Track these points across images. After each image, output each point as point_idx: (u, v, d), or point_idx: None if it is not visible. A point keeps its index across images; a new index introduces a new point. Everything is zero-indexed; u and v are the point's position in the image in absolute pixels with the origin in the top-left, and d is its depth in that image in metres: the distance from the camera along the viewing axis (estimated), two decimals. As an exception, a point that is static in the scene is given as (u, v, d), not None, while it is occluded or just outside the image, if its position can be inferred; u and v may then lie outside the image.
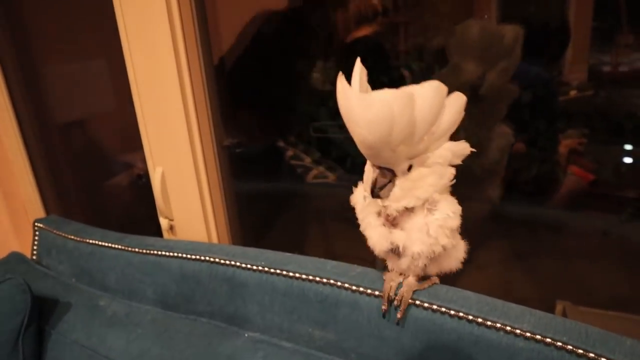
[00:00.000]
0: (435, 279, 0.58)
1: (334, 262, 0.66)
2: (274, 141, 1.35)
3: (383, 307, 0.58)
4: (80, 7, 1.16)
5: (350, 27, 1.49)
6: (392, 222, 0.53)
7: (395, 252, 0.54)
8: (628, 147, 1.20)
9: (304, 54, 1.46)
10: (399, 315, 0.57)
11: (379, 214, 0.54)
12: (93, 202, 1.45)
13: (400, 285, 0.59)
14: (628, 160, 1.22)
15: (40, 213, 1.26)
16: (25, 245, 1.14)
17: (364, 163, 0.52)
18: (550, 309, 1.14)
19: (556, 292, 1.22)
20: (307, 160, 1.32)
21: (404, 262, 0.55)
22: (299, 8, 1.45)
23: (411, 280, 0.57)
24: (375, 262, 0.67)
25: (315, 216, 1.28)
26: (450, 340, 0.54)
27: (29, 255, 1.04)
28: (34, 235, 1.05)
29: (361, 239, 0.57)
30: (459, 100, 0.48)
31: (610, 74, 1.24)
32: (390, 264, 0.58)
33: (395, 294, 0.58)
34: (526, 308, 0.55)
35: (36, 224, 1.05)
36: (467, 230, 0.56)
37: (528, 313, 0.53)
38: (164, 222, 0.94)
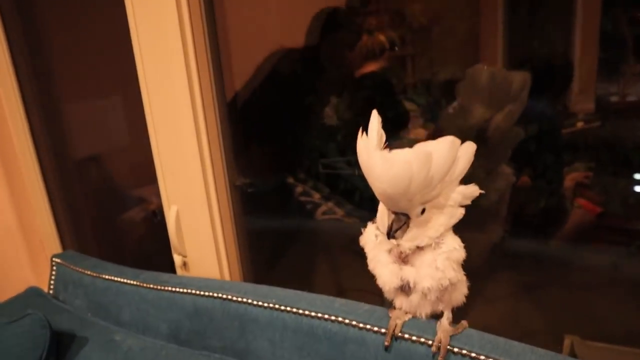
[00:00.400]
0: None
1: (342, 300, 0.69)
2: (284, 178, 1.38)
3: (386, 343, 0.60)
4: (100, 48, 1.22)
5: (359, 63, 1.55)
6: (404, 259, 0.56)
7: (405, 289, 0.57)
8: (636, 177, 1.22)
9: (315, 90, 1.51)
10: None
11: (389, 251, 0.57)
12: (108, 236, 1.49)
13: (405, 322, 0.61)
14: (636, 190, 1.23)
15: (57, 248, 1.30)
16: (42, 280, 1.18)
17: (372, 197, 0.56)
18: (559, 343, 1.15)
19: (565, 325, 1.22)
20: (316, 197, 1.36)
21: (414, 298, 0.57)
22: (315, 46, 1.51)
23: (445, 324, 0.59)
24: (383, 299, 0.70)
25: (324, 251, 1.30)
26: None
27: (45, 289, 1.07)
28: (51, 270, 1.08)
29: (369, 272, 0.60)
30: (470, 148, 0.52)
31: (618, 104, 1.28)
32: (398, 302, 0.61)
33: (401, 331, 0.60)
34: (528, 346, 0.57)
35: (53, 259, 1.08)
36: (474, 264, 0.58)
37: (529, 351, 0.55)
38: (177, 259, 0.97)
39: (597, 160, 1.29)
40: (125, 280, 0.93)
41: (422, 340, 0.60)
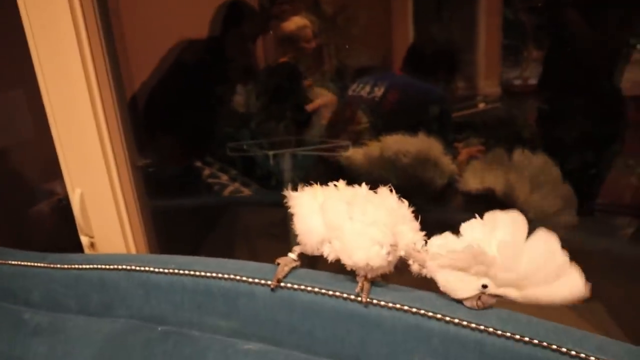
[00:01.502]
0: None
1: (234, 261, 0.77)
2: (192, 161, 1.44)
3: (271, 285, 0.69)
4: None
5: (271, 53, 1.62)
6: None
7: None
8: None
9: (222, 79, 1.57)
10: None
11: None
12: (17, 229, 1.48)
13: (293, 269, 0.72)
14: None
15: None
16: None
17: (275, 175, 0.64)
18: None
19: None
20: (224, 178, 1.43)
21: None
22: (218, 37, 1.56)
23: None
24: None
25: (228, 224, 1.38)
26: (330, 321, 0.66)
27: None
28: (-45, 261, 1.08)
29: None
30: None
31: (521, 87, 1.39)
32: None
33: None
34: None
35: (-45, 250, 1.08)
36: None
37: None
38: (84, 240, 1.01)
39: (492, 136, 1.44)
40: (32, 264, 0.95)
41: (302, 287, 0.69)
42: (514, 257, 0.55)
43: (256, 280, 0.72)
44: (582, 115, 1.25)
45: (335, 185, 0.70)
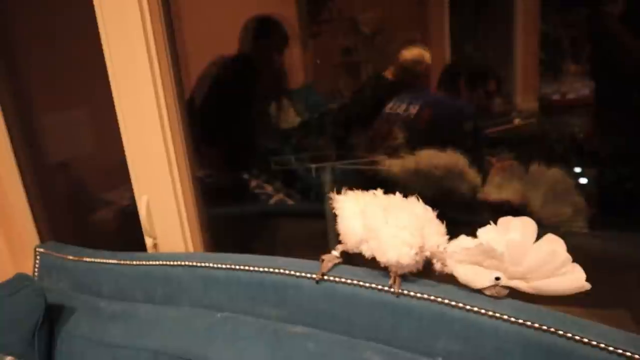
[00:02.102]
0: None
1: (284, 258, 0.88)
2: (240, 174, 1.58)
3: (316, 277, 0.80)
4: (73, 62, 1.38)
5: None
6: None
7: None
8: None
9: (260, 95, 1.70)
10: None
11: None
12: (83, 232, 1.64)
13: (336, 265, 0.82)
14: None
15: (36, 241, 1.44)
16: (22, 271, 1.32)
17: (316, 187, 0.75)
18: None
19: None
20: (269, 189, 1.55)
21: None
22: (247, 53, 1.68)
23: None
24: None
25: (274, 233, 1.49)
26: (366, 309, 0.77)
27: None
28: (35, 259, 1.23)
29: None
30: None
31: (559, 102, 1.42)
32: None
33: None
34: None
35: (37, 249, 1.23)
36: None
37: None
38: (149, 241, 1.15)
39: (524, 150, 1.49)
40: (104, 261, 1.09)
41: (343, 280, 0.80)
42: (520, 253, 0.66)
43: (302, 274, 0.83)
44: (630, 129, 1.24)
45: (374, 193, 0.81)
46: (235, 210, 1.51)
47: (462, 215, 1.42)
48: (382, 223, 0.75)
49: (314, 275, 0.82)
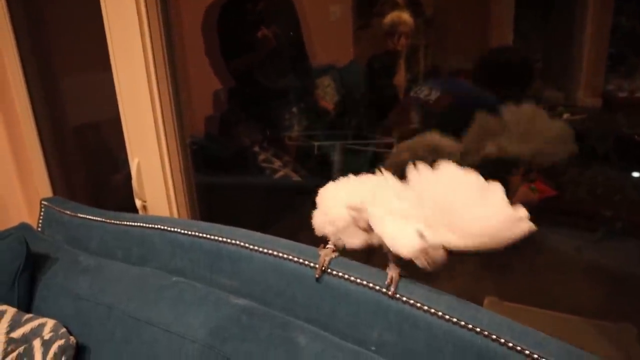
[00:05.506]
0: None
1: (242, 229, 0.88)
2: (248, 145, 1.58)
3: (317, 275, 0.74)
4: (89, 30, 1.42)
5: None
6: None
7: None
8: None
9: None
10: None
11: None
12: (96, 192, 1.71)
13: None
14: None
15: (49, 195, 1.52)
16: (35, 220, 1.40)
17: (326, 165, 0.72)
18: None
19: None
20: (277, 164, 1.55)
21: None
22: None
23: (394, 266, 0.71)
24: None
25: (273, 206, 1.50)
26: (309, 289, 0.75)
27: (35, 227, 1.28)
28: (40, 211, 1.29)
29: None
30: None
31: (626, 99, 1.35)
32: None
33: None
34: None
35: (42, 202, 1.29)
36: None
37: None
38: (138, 203, 1.18)
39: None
40: (93, 218, 1.13)
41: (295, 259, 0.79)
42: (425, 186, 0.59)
43: (256, 247, 0.83)
44: None
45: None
46: (236, 181, 1.52)
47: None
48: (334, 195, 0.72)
49: (260, 248, 0.81)
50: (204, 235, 0.90)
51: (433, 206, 0.59)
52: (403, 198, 0.63)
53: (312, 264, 0.76)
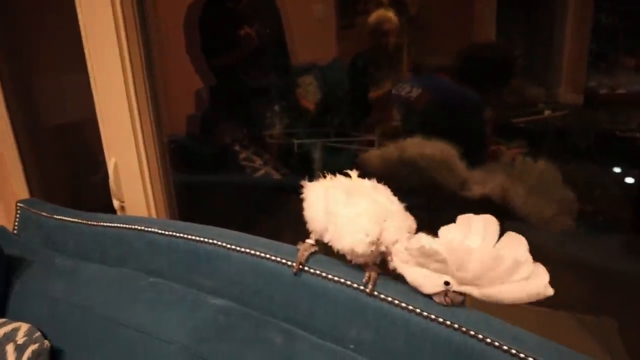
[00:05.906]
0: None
1: (218, 228, 0.87)
2: (228, 144, 1.57)
3: (294, 270, 0.73)
4: (65, 29, 1.40)
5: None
6: None
7: None
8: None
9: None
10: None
11: None
12: (76, 193, 1.68)
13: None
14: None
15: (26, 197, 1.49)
16: (10, 223, 1.37)
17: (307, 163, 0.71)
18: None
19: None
20: (257, 162, 1.54)
21: None
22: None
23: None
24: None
25: (254, 204, 1.48)
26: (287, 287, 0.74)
27: (11, 229, 1.26)
28: (16, 213, 1.27)
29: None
30: None
31: (607, 96, 1.32)
32: None
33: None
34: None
35: (18, 204, 1.27)
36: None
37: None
38: (116, 203, 1.16)
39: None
40: (70, 219, 1.11)
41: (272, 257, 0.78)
42: (463, 257, 0.58)
43: (232, 246, 0.82)
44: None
45: (348, 175, 0.75)
46: (216, 180, 1.51)
47: (444, 208, 1.37)
48: (340, 206, 0.69)
49: (237, 247, 0.80)
50: (181, 235, 0.89)
51: (460, 267, 0.59)
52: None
53: (290, 263, 0.75)
